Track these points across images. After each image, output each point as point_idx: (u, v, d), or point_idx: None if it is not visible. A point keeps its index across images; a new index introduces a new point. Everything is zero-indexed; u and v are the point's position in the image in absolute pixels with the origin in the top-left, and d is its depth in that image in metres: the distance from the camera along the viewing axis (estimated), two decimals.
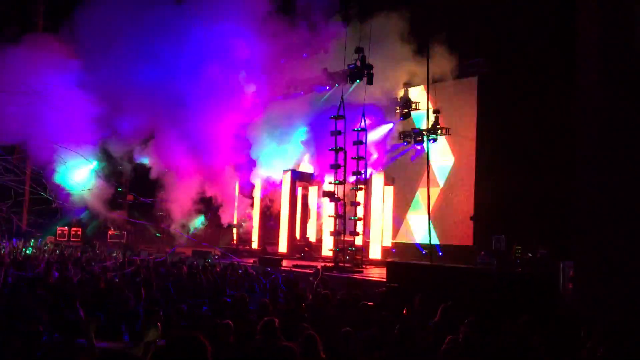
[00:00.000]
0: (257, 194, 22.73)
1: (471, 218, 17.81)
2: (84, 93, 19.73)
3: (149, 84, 19.18)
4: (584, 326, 6.55)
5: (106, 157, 22.97)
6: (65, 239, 22.60)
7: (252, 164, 22.32)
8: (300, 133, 21.00)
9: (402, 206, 20.46)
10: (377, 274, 14.89)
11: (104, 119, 20.50)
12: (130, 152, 22.92)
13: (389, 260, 16.55)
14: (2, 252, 14.92)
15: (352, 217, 16.70)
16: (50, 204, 20.26)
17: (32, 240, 19.09)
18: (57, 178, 20.73)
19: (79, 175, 21.61)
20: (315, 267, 14.04)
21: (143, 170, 23.31)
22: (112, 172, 23.50)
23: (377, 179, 19.23)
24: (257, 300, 8.10)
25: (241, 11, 18.99)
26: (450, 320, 6.96)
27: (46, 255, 15.28)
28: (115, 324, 6.63)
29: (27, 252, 16.23)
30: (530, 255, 14.72)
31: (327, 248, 18.68)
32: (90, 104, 19.64)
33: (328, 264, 16.15)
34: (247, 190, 23.41)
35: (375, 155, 19.78)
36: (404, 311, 7.74)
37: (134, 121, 21.03)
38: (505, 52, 16.80)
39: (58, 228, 22.95)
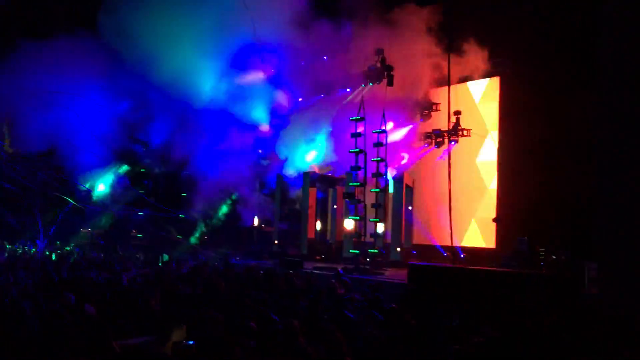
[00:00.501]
0: (277, 195, 22.80)
1: (494, 220, 17.67)
2: (114, 96, 19.88)
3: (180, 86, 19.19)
4: (608, 328, 6.47)
5: (132, 161, 23.33)
6: (89, 241, 22.89)
7: (272, 165, 22.44)
8: (321, 135, 21.01)
9: (423, 208, 20.37)
10: (398, 275, 14.82)
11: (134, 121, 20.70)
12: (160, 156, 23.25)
13: (410, 262, 16.49)
14: (32, 254, 15.23)
15: (373, 219, 16.67)
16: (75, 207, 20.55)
17: (58, 243, 19.40)
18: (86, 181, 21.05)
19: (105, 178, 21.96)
20: (336, 268, 14.06)
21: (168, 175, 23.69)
22: (137, 175, 23.86)
23: (398, 181, 19.15)
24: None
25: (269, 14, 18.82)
26: (472, 323, 6.92)
27: (73, 256, 15.53)
28: (139, 322, 6.71)
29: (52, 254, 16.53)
30: (553, 257, 14.54)
31: (348, 250, 18.66)
32: (120, 107, 19.80)
33: (348, 266, 16.14)
34: (268, 191, 23.53)
35: (396, 157, 19.73)
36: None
37: (161, 125, 21.22)
38: (528, 52, 16.62)
39: (81, 230, 23.26)
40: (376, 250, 16.88)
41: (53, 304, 7.31)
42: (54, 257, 16.47)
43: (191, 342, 5.15)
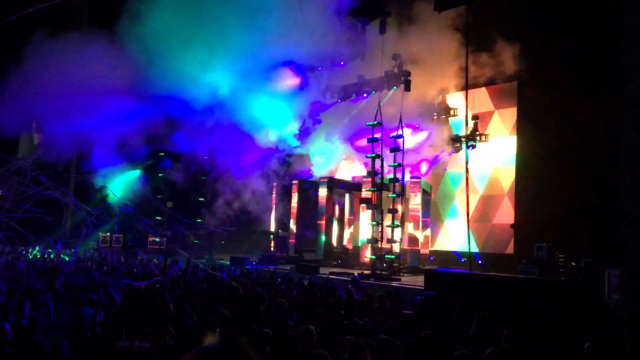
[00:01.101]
0: (294, 200, 22.81)
1: (512, 226, 17.50)
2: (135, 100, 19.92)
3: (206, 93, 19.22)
4: (630, 338, 6.32)
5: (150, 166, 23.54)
6: (108, 245, 23.11)
7: (289, 171, 22.50)
8: (338, 140, 21.01)
9: (440, 213, 20.24)
10: (415, 281, 14.73)
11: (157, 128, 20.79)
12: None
13: (427, 267, 16.38)
14: (50, 257, 15.36)
15: (390, 225, 16.59)
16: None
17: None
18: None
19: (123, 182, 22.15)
20: (352, 274, 14.00)
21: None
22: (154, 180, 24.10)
23: (415, 186, 19.04)
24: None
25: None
26: (490, 330, 6.82)
27: (92, 262, 15.65)
28: (158, 327, 6.72)
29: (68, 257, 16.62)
30: (573, 263, 14.33)
31: (365, 255, 18.59)
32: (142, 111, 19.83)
33: (365, 271, 16.08)
34: (284, 196, 23.56)
35: (413, 162, 19.64)
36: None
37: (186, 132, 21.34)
38: (547, 57, 16.46)
39: (101, 234, 23.49)
40: (393, 256, 16.79)
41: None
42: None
43: (212, 346, 5.13)
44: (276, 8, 16.72)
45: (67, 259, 15.36)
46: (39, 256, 16.86)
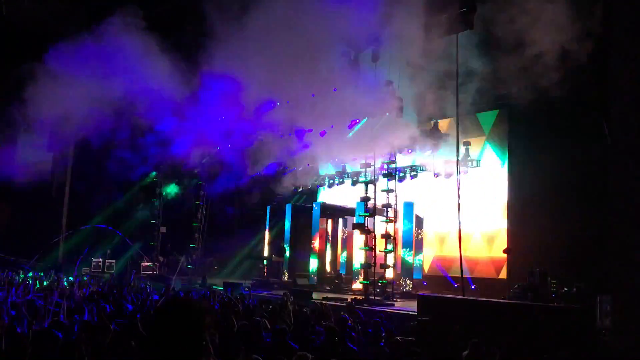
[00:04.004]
0: (287, 225, 22.83)
1: (504, 251, 17.54)
2: None
3: None
4: None
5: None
6: (100, 271, 22.94)
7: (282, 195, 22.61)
8: (331, 166, 21.12)
9: (433, 239, 20.29)
10: (408, 306, 14.71)
11: None
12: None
13: (421, 293, 16.37)
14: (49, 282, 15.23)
15: (382, 250, 16.62)
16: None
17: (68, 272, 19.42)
18: None
19: None
20: (345, 299, 13.99)
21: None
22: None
23: (408, 211, 19.11)
24: None
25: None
26: (482, 356, 6.85)
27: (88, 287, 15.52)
28: None
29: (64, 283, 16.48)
30: (566, 289, 14.38)
31: (358, 281, 18.57)
32: None
33: (359, 297, 16.05)
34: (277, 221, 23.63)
35: (405, 187, 19.75)
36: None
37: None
38: (536, 90, 16.66)
39: (93, 260, 23.32)
40: (386, 281, 16.80)
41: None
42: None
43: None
44: None
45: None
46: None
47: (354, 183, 21.98)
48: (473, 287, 17.16)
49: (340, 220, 22.44)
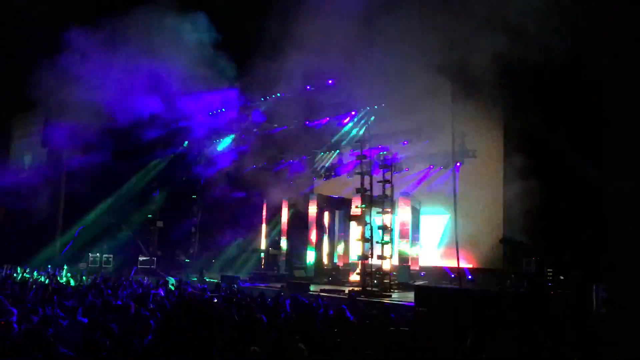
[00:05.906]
0: (284, 218, 22.83)
1: (500, 241, 17.62)
2: None
3: None
4: (618, 350, 6.42)
5: None
6: (98, 266, 22.88)
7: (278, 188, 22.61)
8: (327, 157, 21.11)
9: (430, 229, 20.33)
10: (405, 298, 14.76)
11: None
12: None
13: (418, 284, 16.43)
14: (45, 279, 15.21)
15: (379, 241, 16.63)
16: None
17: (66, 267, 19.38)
18: None
19: None
20: (342, 291, 14.02)
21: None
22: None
23: (404, 202, 19.14)
24: None
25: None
26: (481, 345, 6.87)
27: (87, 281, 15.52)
28: None
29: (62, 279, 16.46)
30: (562, 277, 14.47)
31: (355, 272, 18.60)
32: None
33: (356, 289, 16.08)
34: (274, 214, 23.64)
35: (402, 179, 19.78)
36: None
37: None
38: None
39: (90, 255, 23.26)
40: (383, 273, 16.82)
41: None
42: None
43: None
44: None
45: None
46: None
47: (350, 174, 22.01)
48: (470, 277, 17.23)
49: (337, 212, 22.45)
